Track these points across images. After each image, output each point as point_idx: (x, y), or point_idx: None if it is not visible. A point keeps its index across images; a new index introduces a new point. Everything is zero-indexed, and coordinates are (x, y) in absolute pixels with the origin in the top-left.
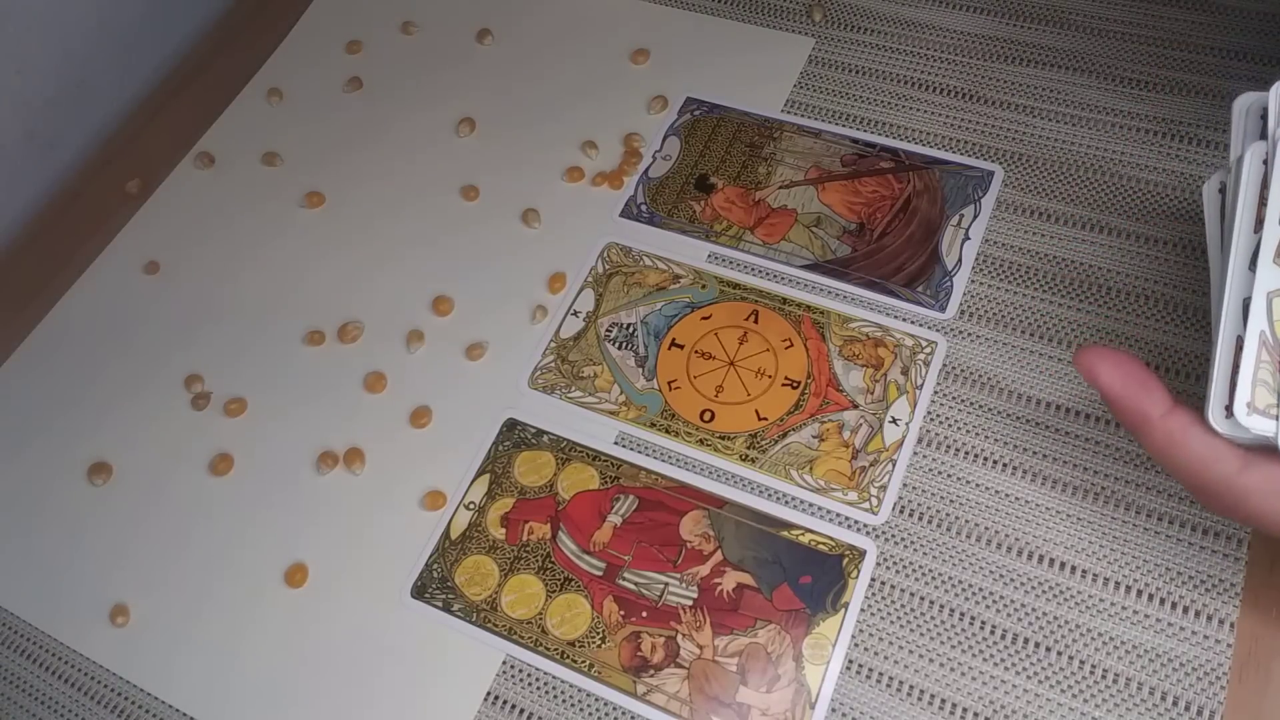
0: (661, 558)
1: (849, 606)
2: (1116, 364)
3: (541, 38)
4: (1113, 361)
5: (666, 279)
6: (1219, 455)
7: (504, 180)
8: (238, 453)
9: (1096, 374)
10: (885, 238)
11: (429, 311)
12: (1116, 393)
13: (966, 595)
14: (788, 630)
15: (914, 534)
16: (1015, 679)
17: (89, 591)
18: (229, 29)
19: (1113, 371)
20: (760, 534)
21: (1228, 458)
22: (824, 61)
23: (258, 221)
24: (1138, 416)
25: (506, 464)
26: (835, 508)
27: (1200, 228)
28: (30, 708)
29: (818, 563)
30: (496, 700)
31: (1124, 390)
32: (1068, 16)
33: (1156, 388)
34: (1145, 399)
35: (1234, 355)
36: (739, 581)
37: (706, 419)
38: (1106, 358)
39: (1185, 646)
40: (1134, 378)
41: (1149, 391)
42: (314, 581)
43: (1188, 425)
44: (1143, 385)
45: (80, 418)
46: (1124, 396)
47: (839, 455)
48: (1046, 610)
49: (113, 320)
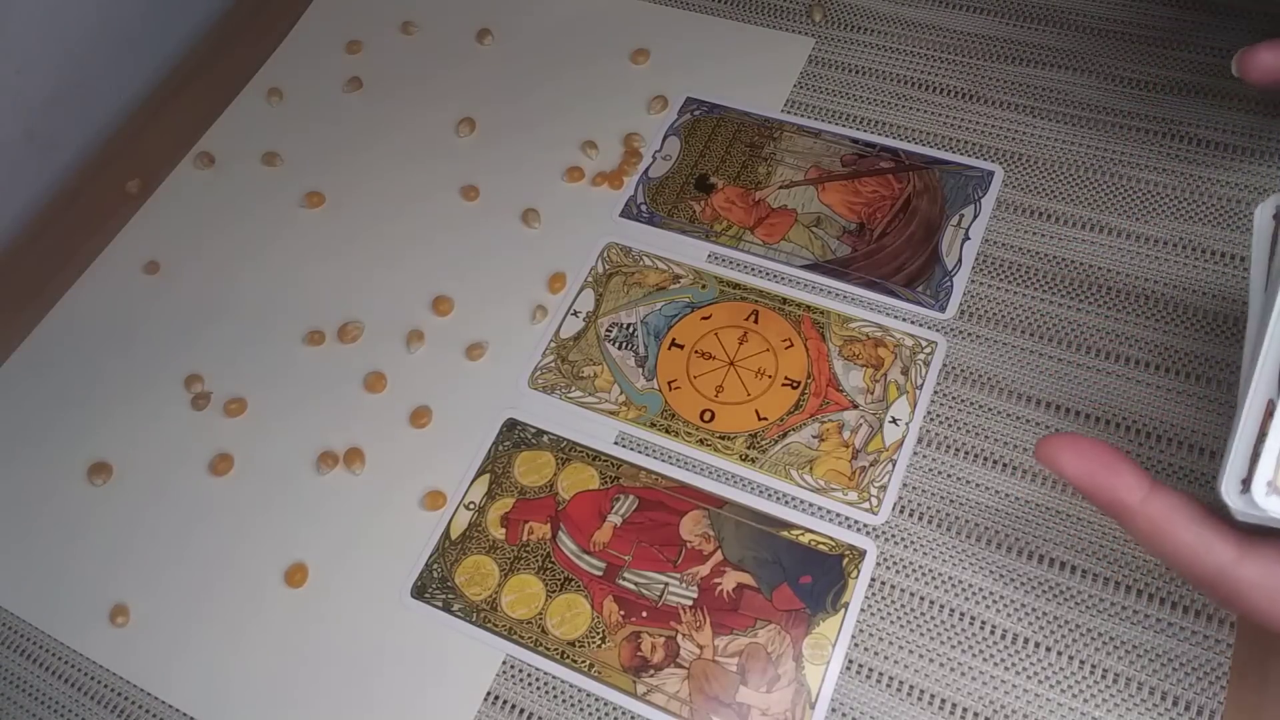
0: (661, 558)
1: (849, 606)
2: (1078, 452)
3: (541, 38)
4: (1074, 450)
5: (666, 279)
6: (1210, 545)
7: (504, 180)
8: (238, 453)
9: (1060, 465)
10: (885, 238)
11: (429, 311)
12: (1085, 484)
13: (966, 595)
14: (788, 630)
15: (914, 534)
16: (1015, 679)
17: (89, 591)
18: (229, 29)
19: (1076, 460)
20: (760, 534)
21: (1220, 547)
22: (824, 61)
23: (258, 221)
24: (1114, 506)
25: (506, 464)
26: (835, 508)
27: (1203, 228)
28: (30, 708)
29: (818, 563)
30: (496, 700)
31: (1093, 480)
32: (1068, 16)
33: (1127, 471)
34: (1119, 486)
35: (1261, 421)
36: (739, 581)
37: (706, 419)
38: (1067, 446)
39: (1185, 646)
40: (1101, 463)
41: (1120, 476)
42: (314, 581)
43: (1171, 511)
44: (1112, 471)
45: (80, 418)
46: (1095, 487)
47: (839, 455)
48: (1046, 610)
49: (113, 320)
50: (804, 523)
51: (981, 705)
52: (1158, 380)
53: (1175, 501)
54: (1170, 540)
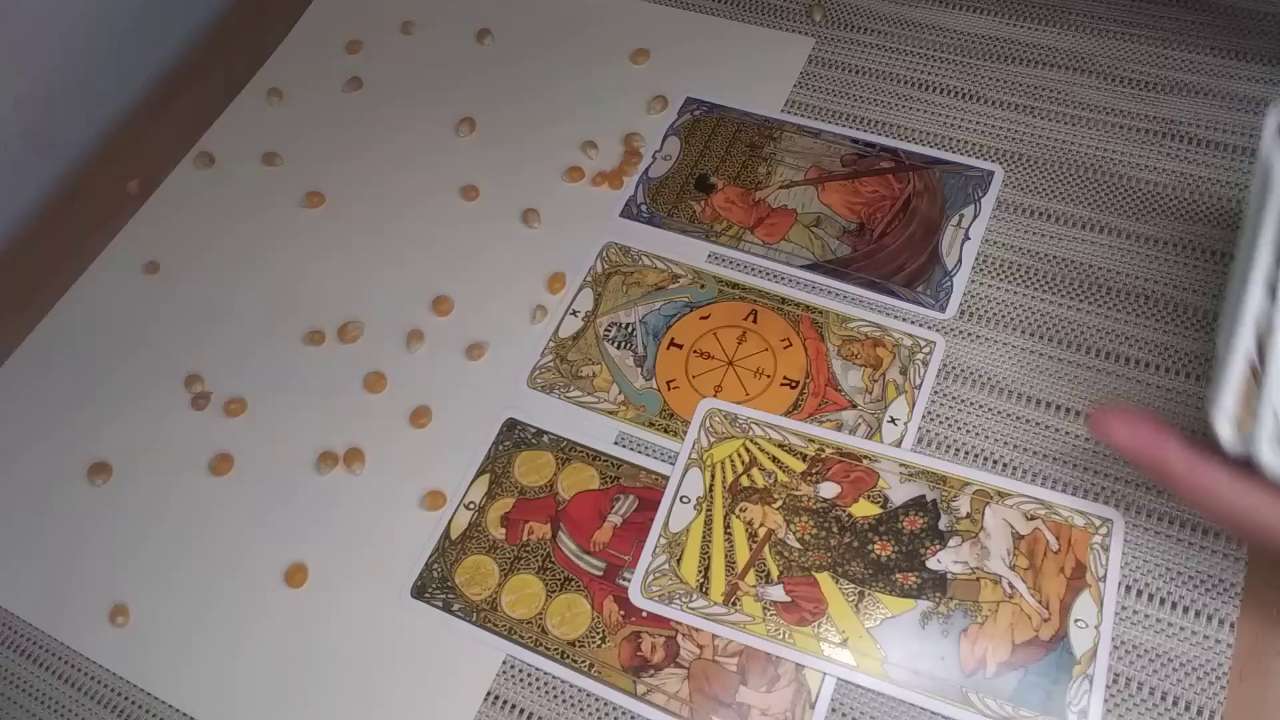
0: None
1: None
2: (1130, 426)
3: (541, 38)
4: (1126, 424)
5: (665, 279)
6: (1255, 502)
7: (504, 180)
8: (238, 453)
9: (1114, 437)
10: (885, 238)
11: (429, 311)
12: (1136, 455)
13: None
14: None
15: None
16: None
17: (89, 592)
18: (229, 29)
19: (1128, 433)
20: None
21: (1265, 501)
22: (824, 61)
23: (258, 221)
24: (1162, 474)
25: (506, 464)
26: None
27: (1203, 228)
28: (30, 708)
29: None
30: (496, 700)
31: (1143, 452)
32: (1068, 16)
33: (1173, 444)
34: (1167, 458)
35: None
36: None
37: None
38: (1119, 420)
39: (1185, 646)
40: (1149, 437)
41: (1167, 450)
42: (314, 581)
43: (1211, 480)
44: (1160, 444)
45: (80, 418)
46: (1145, 458)
47: None
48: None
49: (113, 320)
50: None
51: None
52: (1158, 380)
53: (1214, 471)
54: (1217, 501)
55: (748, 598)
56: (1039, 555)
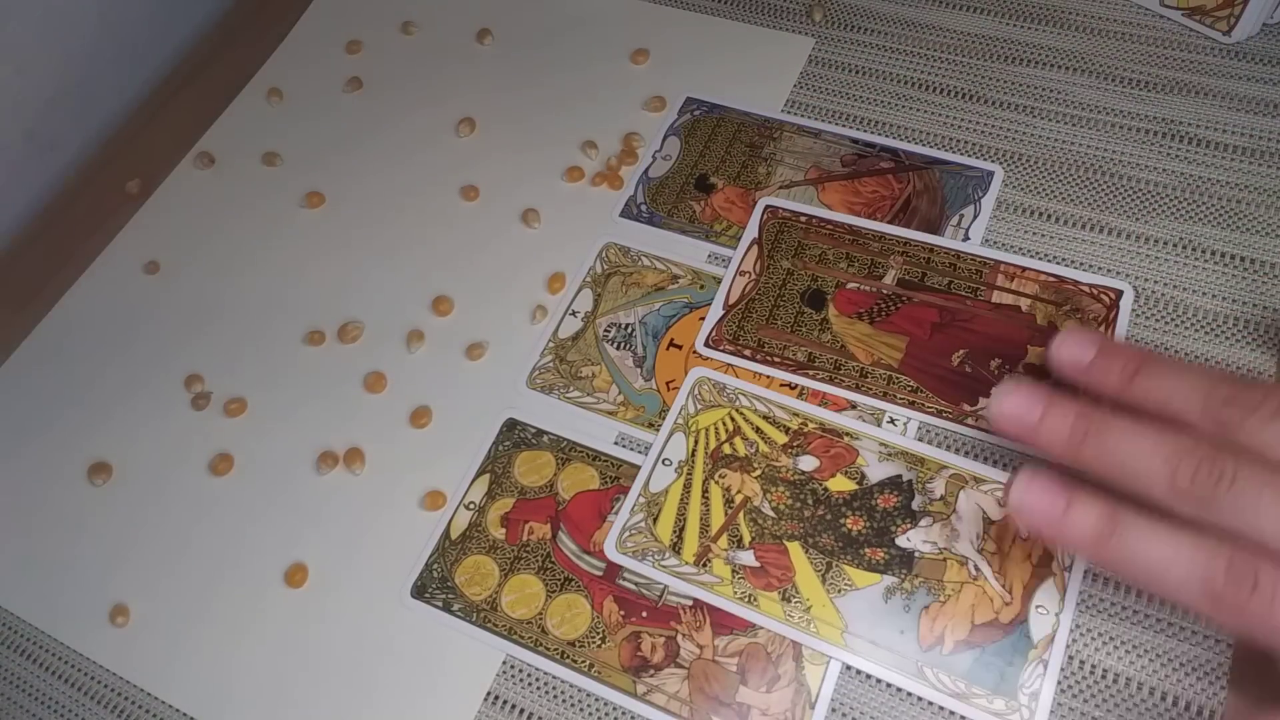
0: None
1: None
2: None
3: (541, 38)
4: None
5: (665, 279)
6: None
7: (504, 180)
8: (238, 453)
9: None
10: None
11: (429, 311)
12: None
13: None
14: None
15: None
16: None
17: (89, 591)
18: (229, 29)
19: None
20: None
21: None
22: (824, 61)
23: (258, 221)
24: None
25: (506, 464)
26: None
27: (1203, 228)
28: (30, 708)
29: None
30: (496, 700)
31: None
32: (1068, 16)
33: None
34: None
35: None
36: None
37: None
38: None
39: (1185, 646)
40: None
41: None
42: (314, 581)
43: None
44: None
45: (80, 418)
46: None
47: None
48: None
49: (113, 320)
50: None
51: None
52: None
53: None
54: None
55: (718, 560)
56: (1007, 541)
